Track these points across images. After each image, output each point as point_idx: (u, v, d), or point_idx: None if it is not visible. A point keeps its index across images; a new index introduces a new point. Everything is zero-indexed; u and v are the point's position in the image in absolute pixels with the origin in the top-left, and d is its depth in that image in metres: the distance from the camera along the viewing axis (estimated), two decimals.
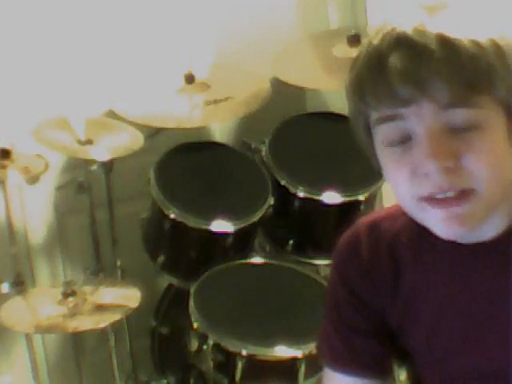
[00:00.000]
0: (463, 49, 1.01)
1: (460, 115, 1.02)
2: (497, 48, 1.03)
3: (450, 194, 1.04)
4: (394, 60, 1.02)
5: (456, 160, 1.02)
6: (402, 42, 1.03)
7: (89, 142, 2.38)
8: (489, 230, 1.12)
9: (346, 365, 1.26)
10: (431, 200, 1.05)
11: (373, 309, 1.24)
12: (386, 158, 1.08)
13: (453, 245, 1.12)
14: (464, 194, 1.04)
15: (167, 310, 2.64)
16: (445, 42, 1.01)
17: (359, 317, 1.25)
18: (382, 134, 1.07)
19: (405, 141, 1.05)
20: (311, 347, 2.10)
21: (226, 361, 2.16)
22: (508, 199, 1.10)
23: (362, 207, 2.44)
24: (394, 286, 1.21)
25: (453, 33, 1.02)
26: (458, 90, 1.00)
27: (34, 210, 2.65)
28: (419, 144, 1.04)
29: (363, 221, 1.27)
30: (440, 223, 1.07)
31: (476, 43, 1.02)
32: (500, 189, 1.06)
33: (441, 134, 1.02)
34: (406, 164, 1.05)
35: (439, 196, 1.04)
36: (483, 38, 1.03)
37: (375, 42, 1.06)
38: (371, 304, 1.24)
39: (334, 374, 1.28)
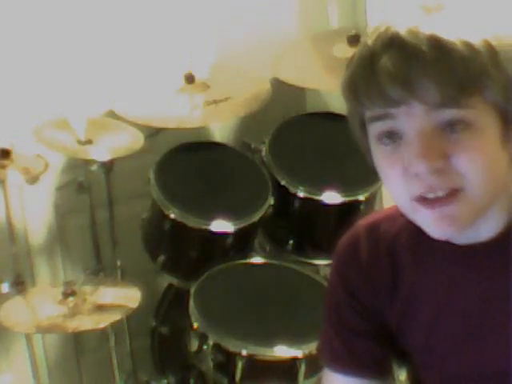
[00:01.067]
0: (455, 51, 1.01)
1: (450, 115, 1.02)
2: (490, 50, 1.03)
3: (440, 193, 1.04)
4: (385, 61, 1.03)
5: (445, 160, 1.03)
6: (394, 43, 1.03)
7: (89, 141, 2.38)
8: (485, 231, 1.12)
9: (346, 366, 1.26)
10: (422, 200, 1.06)
11: (373, 310, 1.24)
12: (379, 156, 1.09)
13: (450, 245, 1.12)
14: (453, 194, 1.04)
15: (167, 310, 2.64)
16: (437, 44, 1.01)
17: (359, 319, 1.25)
18: (375, 131, 1.08)
19: (396, 140, 1.06)
20: (311, 347, 2.10)
21: (226, 361, 2.16)
22: (503, 200, 1.11)
23: (362, 207, 2.44)
24: (393, 288, 1.22)
25: (447, 34, 1.02)
26: (448, 91, 1.00)
27: (34, 210, 2.65)
28: (409, 143, 1.04)
29: (362, 223, 1.27)
30: (431, 224, 1.07)
31: (469, 45, 1.02)
32: (490, 189, 1.06)
33: (430, 134, 1.03)
34: (398, 162, 1.06)
35: (429, 196, 1.05)
36: (477, 40, 1.02)
37: (369, 42, 1.06)
38: (371, 306, 1.24)
39: (334, 375, 1.28)
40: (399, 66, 1.02)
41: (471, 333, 1.16)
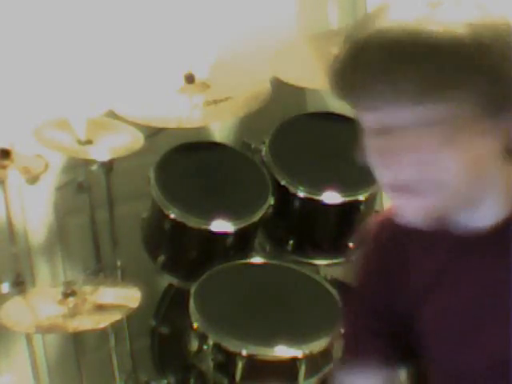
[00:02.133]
0: (440, 46, 1.00)
1: (432, 110, 1.02)
2: (477, 43, 1.01)
3: (421, 184, 1.05)
4: (368, 56, 1.03)
5: (427, 153, 1.03)
6: (378, 38, 1.03)
7: (89, 142, 2.38)
8: (481, 220, 1.13)
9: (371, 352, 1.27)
10: (394, 187, 1.08)
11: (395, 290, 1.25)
12: (367, 147, 1.10)
13: (446, 233, 1.14)
14: (432, 185, 1.05)
15: (167, 310, 2.64)
16: (420, 38, 1.00)
17: (387, 291, 1.25)
18: (363, 124, 1.09)
19: (381, 132, 1.06)
20: (311, 347, 2.10)
21: (226, 361, 2.16)
22: (497, 190, 1.11)
23: (362, 207, 2.44)
24: (404, 280, 1.23)
25: (431, 27, 1.00)
26: (431, 86, 1.00)
27: (34, 210, 2.65)
28: (393, 137, 1.04)
29: (380, 215, 1.29)
30: (402, 210, 1.10)
31: (455, 38, 1.00)
32: (471, 182, 1.07)
33: (413, 127, 1.03)
34: (382, 154, 1.06)
35: (406, 184, 1.06)
36: (464, 33, 1.00)
37: (352, 36, 1.06)
38: (394, 283, 1.25)
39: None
40: (381, 61, 1.01)
41: (472, 325, 1.16)
